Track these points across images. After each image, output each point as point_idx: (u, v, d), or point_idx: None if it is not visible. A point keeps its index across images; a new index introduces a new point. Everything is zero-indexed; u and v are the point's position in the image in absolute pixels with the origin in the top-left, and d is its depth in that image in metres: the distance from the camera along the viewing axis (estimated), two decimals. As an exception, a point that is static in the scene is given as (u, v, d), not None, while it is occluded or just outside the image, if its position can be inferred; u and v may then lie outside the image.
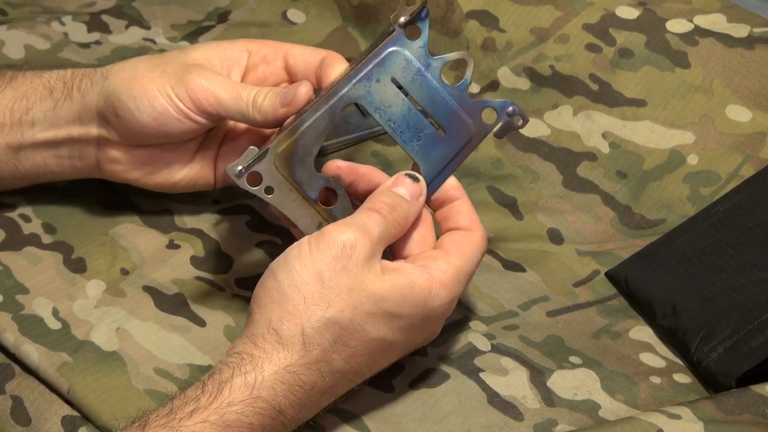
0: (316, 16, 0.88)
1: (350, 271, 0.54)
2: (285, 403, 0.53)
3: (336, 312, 0.54)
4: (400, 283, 0.55)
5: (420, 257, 0.58)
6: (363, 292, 0.54)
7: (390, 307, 0.55)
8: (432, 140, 0.61)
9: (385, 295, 0.55)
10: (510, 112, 0.63)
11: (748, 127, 0.73)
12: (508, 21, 0.80)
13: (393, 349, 0.57)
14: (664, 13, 0.77)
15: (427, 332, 0.59)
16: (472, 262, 0.58)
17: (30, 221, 0.69)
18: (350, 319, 0.54)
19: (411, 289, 0.55)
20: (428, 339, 0.60)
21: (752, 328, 0.61)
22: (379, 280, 0.55)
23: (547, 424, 0.58)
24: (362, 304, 0.54)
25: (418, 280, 0.56)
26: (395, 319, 0.55)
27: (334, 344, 0.54)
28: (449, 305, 0.58)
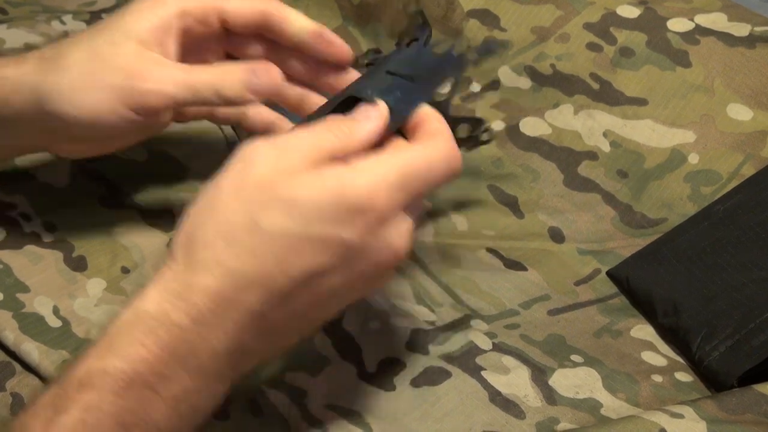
0: (316, 15, 0.88)
1: (245, 171, 0.49)
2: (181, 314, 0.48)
3: (223, 214, 0.49)
4: (303, 172, 0.49)
5: None
6: (253, 187, 0.49)
7: (285, 192, 0.48)
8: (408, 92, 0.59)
9: (280, 182, 0.48)
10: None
11: (749, 126, 0.73)
12: (509, 20, 0.80)
13: (310, 247, 0.48)
14: (665, 12, 0.77)
15: (358, 229, 0.49)
16: (418, 159, 0.51)
17: (30, 220, 0.68)
18: (237, 212, 0.48)
19: (317, 174, 0.49)
20: (376, 246, 0.50)
21: (753, 327, 0.61)
22: (277, 174, 0.49)
23: (549, 422, 0.58)
24: (249, 197, 0.49)
25: (327, 168, 0.49)
26: (295, 206, 0.48)
27: (222, 242, 0.48)
28: (373, 193, 0.49)
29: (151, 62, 0.58)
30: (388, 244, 0.50)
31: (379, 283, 0.53)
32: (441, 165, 0.52)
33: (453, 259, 0.70)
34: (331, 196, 0.48)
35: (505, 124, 0.78)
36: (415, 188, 0.50)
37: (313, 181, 0.48)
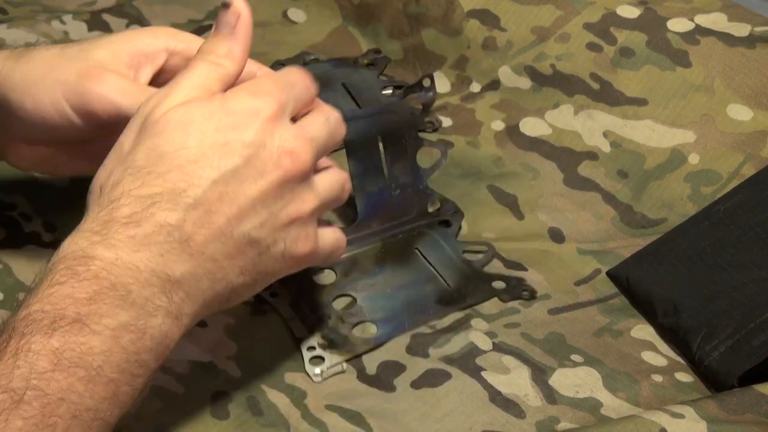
0: (316, 15, 0.88)
1: (143, 116, 0.52)
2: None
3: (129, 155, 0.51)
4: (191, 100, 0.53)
5: None
6: (150, 124, 0.52)
7: (177, 117, 0.51)
8: (377, 197, 0.68)
9: (172, 113, 0.52)
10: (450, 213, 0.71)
11: (749, 126, 0.73)
12: (509, 20, 0.80)
13: (211, 153, 0.51)
14: (665, 12, 0.77)
15: (253, 128, 0.52)
16: (279, 74, 0.56)
17: (30, 220, 0.68)
18: (138, 148, 0.51)
19: (202, 98, 0.53)
20: (275, 144, 0.53)
21: (754, 327, 0.61)
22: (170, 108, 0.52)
23: (549, 421, 0.58)
24: (148, 131, 0.51)
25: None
26: (189, 124, 0.51)
27: (129, 177, 0.50)
28: (256, 93, 0.53)
29: (109, 71, 0.57)
30: (284, 140, 0.52)
31: (299, 203, 0.54)
32: (298, 76, 0.55)
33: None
34: (221, 109, 0.51)
35: (505, 124, 0.78)
36: (288, 91, 0.54)
37: (203, 103, 0.52)
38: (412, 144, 0.68)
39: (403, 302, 0.65)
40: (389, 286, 0.66)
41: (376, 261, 0.67)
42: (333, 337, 0.62)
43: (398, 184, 0.69)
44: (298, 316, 0.63)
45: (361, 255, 0.68)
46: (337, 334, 0.62)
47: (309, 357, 0.61)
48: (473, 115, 0.79)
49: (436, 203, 0.71)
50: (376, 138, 0.67)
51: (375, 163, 0.68)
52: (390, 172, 0.68)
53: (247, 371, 0.60)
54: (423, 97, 0.68)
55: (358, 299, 0.65)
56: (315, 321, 0.63)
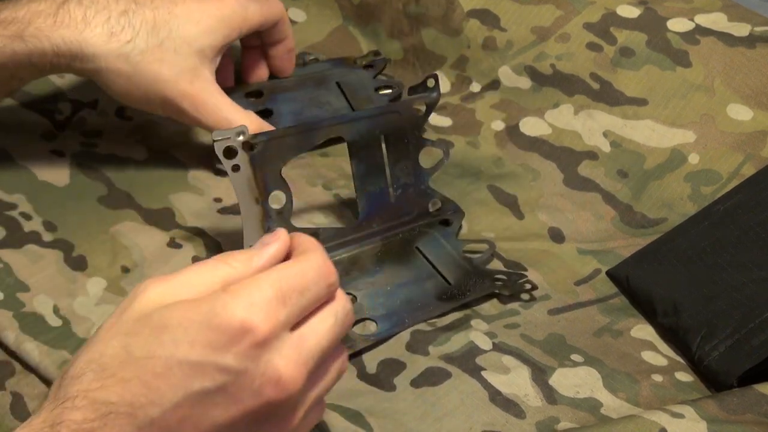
0: (316, 15, 0.88)
1: (127, 305, 0.47)
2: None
3: (97, 346, 0.46)
4: (180, 300, 0.47)
5: None
6: (130, 320, 0.46)
7: (157, 319, 0.46)
8: (379, 197, 0.68)
9: (154, 312, 0.46)
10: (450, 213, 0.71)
11: (749, 126, 0.73)
12: (509, 20, 0.80)
13: (180, 372, 0.45)
14: (665, 12, 0.78)
15: (235, 352, 0.45)
16: (291, 273, 0.48)
17: (30, 219, 0.68)
18: (109, 344, 0.46)
19: (190, 300, 0.46)
20: (259, 372, 0.46)
21: (753, 327, 0.61)
22: (157, 306, 0.47)
23: (549, 421, 0.58)
24: (124, 328, 0.46)
25: (203, 296, 0.47)
26: (164, 330, 0.45)
27: (91, 373, 0.45)
28: (250, 312, 0.45)
29: (201, 87, 0.69)
30: (271, 367, 0.46)
31: (275, 425, 0.48)
32: (314, 275, 0.48)
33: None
34: (204, 320, 0.45)
35: (505, 124, 0.78)
36: (293, 302, 0.47)
37: (186, 305, 0.46)
38: (414, 144, 0.68)
39: (403, 299, 0.65)
40: (389, 284, 0.66)
41: (377, 260, 0.67)
42: None
43: (400, 184, 0.69)
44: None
45: (362, 254, 0.68)
46: None
47: None
48: (473, 115, 0.79)
49: (436, 203, 0.71)
50: (379, 138, 0.67)
51: (377, 163, 0.68)
52: (392, 172, 0.68)
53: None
54: (427, 98, 0.68)
55: (358, 297, 0.65)
56: None
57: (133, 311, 0.46)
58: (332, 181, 0.75)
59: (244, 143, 0.61)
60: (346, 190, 0.73)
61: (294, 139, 0.64)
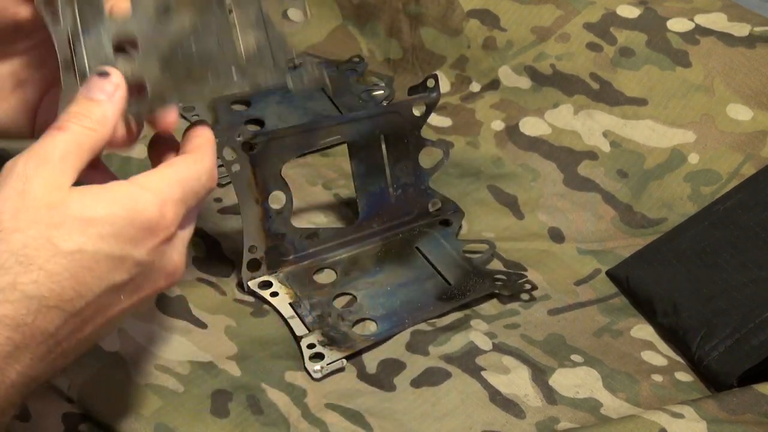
0: (316, 14, 0.88)
1: (25, 193, 0.47)
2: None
3: (14, 235, 0.46)
4: (92, 189, 0.48)
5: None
6: (42, 208, 0.46)
7: (77, 210, 0.47)
8: (379, 197, 0.68)
9: (70, 202, 0.47)
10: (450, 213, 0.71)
11: (749, 126, 0.73)
12: (509, 20, 0.80)
13: (105, 265, 0.47)
14: (665, 12, 0.78)
15: (149, 247, 0.49)
16: (193, 174, 0.51)
17: (30, 219, 0.68)
18: (28, 234, 0.46)
19: (107, 191, 0.48)
20: (161, 265, 0.50)
21: (753, 327, 0.61)
22: (64, 193, 0.47)
23: (549, 422, 0.58)
24: (41, 218, 0.46)
25: (115, 186, 0.49)
26: (90, 224, 0.47)
27: (18, 266, 0.46)
28: (163, 211, 0.49)
29: None
30: (171, 261, 0.51)
31: (150, 303, 0.53)
32: (207, 179, 0.52)
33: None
34: (126, 215, 0.48)
35: (505, 124, 0.78)
36: (192, 202, 0.51)
37: (104, 198, 0.48)
38: (414, 144, 0.68)
39: (403, 299, 0.65)
40: (389, 284, 0.66)
41: (377, 260, 0.68)
42: (333, 335, 0.62)
43: (400, 184, 0.69)
44: (298, 315, 0.63)
45: (362, 254, 0.68)
46: (337, 331, 0.62)
47: (309, 354, 0.61)
48: (473, 115, 0.79)
49: (436, 203, 0.71)
50: (379, 138, 0.67)
51: (377, 163, 0.68)
52: (392, 173, 0.68)
53: (246, 370, 0.60)
54: (427, 98, 0.68)
55: (358, 297, 0.65)
56: (315, 319, 0.63)
57: (35, 198, 0.47)
58: (332, 181, 0.75)
59: (243, 143, 0.61)
60: (346, 190, 0.73)
61: (294, 139, 0.64)
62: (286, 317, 0.63)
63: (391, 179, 0.68)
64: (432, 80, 0.68)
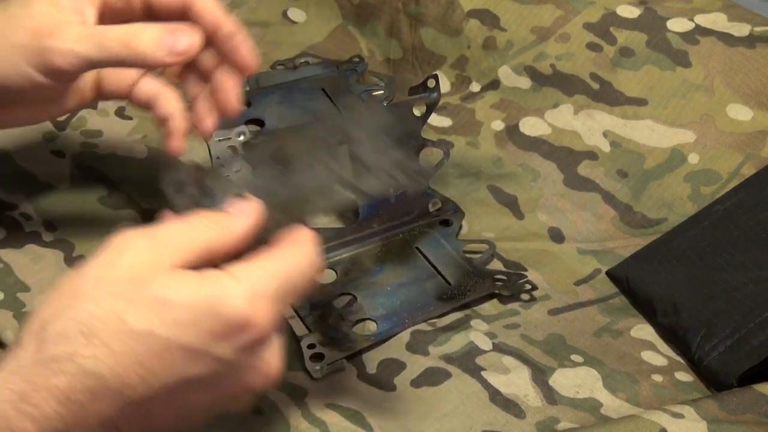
0: (316, 14, 0.88)
1: (114, 264, 0.44)
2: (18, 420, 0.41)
3: (86, 304, 0.43)
4: (183, 273, 0.44)
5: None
6: (123, 281, 0.43)
7: (158, 290, 0.43)
8: (380, 199, 0.68)
9: (154, 281, 0.43)
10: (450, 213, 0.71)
11: (749, 126, 0.73)
12: (509, 20, 0.80)
13: (178, 355, 0.43)
14: (665, 12, 0.78)
15: (235, 345, 0.44)
16: (292, 268, 0.47)
17: (31, 219, 0.68)
18: (100, 305, 0.43)
19: (196, 276, 0.44)
20: (251, 365, 0.45)
21: (753, 327, 0.61)
22: (152, 271, 0.44)
23: (549, 422, 0.58)
24: (118, 290, 0.43)
25: (208, 273, 0.45)
26: (167, 306, 0.43)
27: (81, 336, 0.42)
28: (255, 306, 0.44)
29: (60, 21, 0.55)
30: (264, 363, 0.46)
31: (243, 403, 0.48)
32: (308, 277, 0.47)
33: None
34: (209, 306, 0.43)
35: (505, 124, 0.78)
36: (288, 300, 0.47)
37: (189, 283, 0.44)
38: (414, 144, 0.68)
39: (404, 299, 0.65)
40: (389, 284, 0.66)
41: (377, 260, 0.68)
42: (333, 335, 0.62)
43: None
44: (298, 314, 0.63)
45: (362, 254, 0.68)
46: (337, 331, 0.62)
47: (309, 354, 0.61)
48: (473, 115, 0.79)
49: (436, 203, 0.71)
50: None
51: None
52: None
53: (247, 371, 0.60)
54: (427, 98, 0.67)
55: (358, 297, 0.65)
56: (315, 319, 0.63)
57: (120, 269, 0.44)
58: None
59: (244, 143, 0.61)
60: None
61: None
62: (287, 317, 0.63)
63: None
64: (432, 80, 0.68)
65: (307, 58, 0.84)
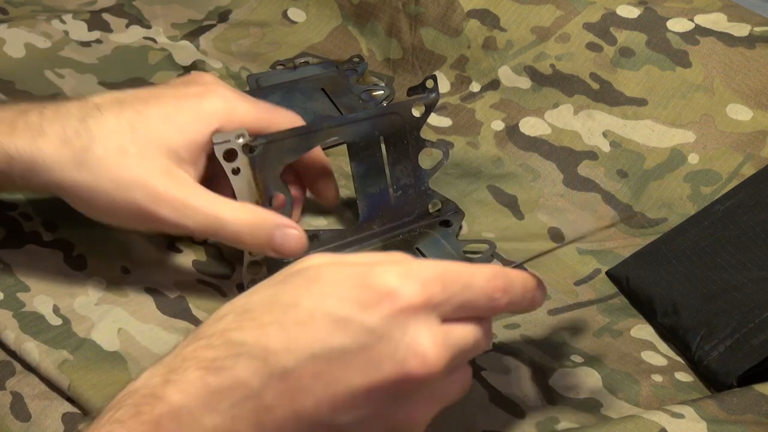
0: (316, 14, 0.88)
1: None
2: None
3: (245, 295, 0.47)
4: (339, 256, 0.48)
5: None
6: (281, 274, 0.47)
7: (311, 271, 0.46)
8: (379, 199, 0.68)
9: (310, 265, 0.47)
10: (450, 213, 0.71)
11: (749, 126, 0.73)
12: (509, 20, 0.80)
13: (322, 323, 0.44)
14: (665, 12, 0.78)
15: (383, 314, 0.44)
16: (460, 268, 0.47)
17: (31, 219, 0.68)
18: (260, 293, 0.47)
19: (350, 257, 0.48)
20: (403, 340, 0.44)
21: (753, 327, 0.61)
22: (316, 261, 0.48)
23: (549, 422, 0.58)
24: (277, 278, 0.47)
25: (361, 255, 0.51)
26: (315, 281, 0.45)
27: (233, 315, 0.46)
28: (406, 281, 0.44)
29: (179, 188, 0.58)
30: (417, 340, 0.44)
31: (415, 410, 0.46)
32: (483, 281, 0.46)
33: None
34: (356, 278, 0.44)
35: (505, 124, 0.78)
36: (453, 291, 0.45)
37: (343, 265, 0.45)
38: (414, 145, 0.68)
39: None
40: None
41: None
42: None
43: (399, 185, 0.69)
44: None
45: None
46: None
47: None
48: (473, 115, 0.79)
49: (436, 204, 0.71)
50: (379, 139, 0.67)
51: (377, 164, 0.68)
52: (392, 174, 0.68)
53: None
54: (426, 98, 0.68)
55: None
56: None
57: (292, 268, 0.47)
58: None
59: (244, 146, 0.62)
60: (346, 191, 0.73)
61: (294, 141, 0.64)
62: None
63: (391, 180, 0.68)
64: (431, 81, 0.68)
65: (307, 58, 0.84)
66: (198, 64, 0.83)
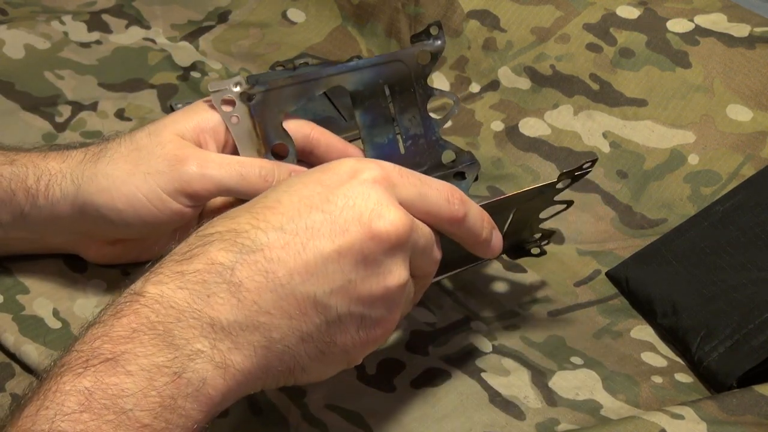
0: (315, 15, 0.88)
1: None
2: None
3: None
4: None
5: None
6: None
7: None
8: (388, 149, 0.66)
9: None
10: (465, 165, 0.68)
11: (749, 126, 0.73)
12: (509, 21, 0.81)
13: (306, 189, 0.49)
14: (665, 12, 0.78)
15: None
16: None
17: (30, 221, 0.68)
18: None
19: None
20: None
21: (753, 328, 0.61)
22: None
23: (549, 423, 0.58)
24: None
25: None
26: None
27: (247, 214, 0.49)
28: (360, 162, 0.50)
29: (192, 149, 0.58)
30: (379, 204, 0.48)
31: (386, 277, 0.49)
32: (441, 184, 0.52)
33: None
34: (319, 170, 0.50)
35: (505, 124, 0.78)
36: (412, 181, 0.50)
37: (314, 169, 0.51)
38: (421, 94, 0.66)
39: None
40: None
41: None
42: None
43: (409, 135, 0.66)
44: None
45: None
46: None
47: None
48: (473, 116, 0.79)
49: (450, 154, 0.68)
50: (383, 88, 0.65)
51: (383, 113, 0.65)
52: (399, 123, 0.66)
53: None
54: (431, 46, 0.65)
55: None
56: None
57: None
58: None
59: (241, 94, 0.60)
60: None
61: (294, 89, 0.62)
62: None
63: (400, 130, 0.66)
64: (435, 27, 0.65)
65: (307, 59, 0.84)
66: (197, 65, 0.83)
